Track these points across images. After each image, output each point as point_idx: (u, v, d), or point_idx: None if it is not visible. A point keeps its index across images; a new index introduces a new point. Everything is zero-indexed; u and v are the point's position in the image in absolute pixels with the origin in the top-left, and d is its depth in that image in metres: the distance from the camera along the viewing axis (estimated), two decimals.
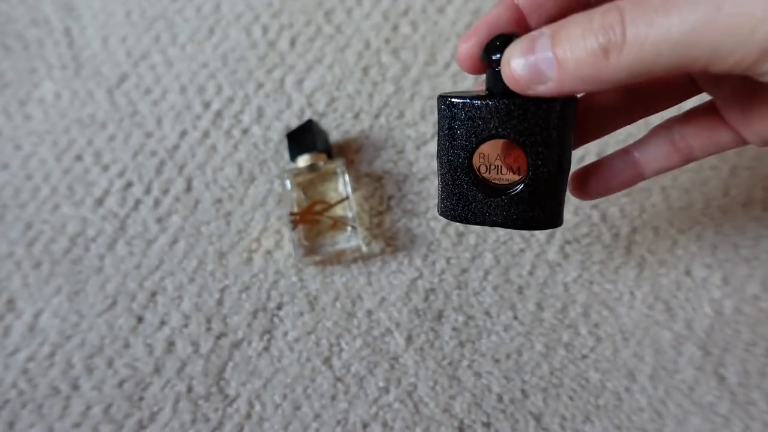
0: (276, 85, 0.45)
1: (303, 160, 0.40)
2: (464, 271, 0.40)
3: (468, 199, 0.26)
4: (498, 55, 0.23)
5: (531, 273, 0.40)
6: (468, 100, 0.24)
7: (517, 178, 0.25)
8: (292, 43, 0.47)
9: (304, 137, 0.41)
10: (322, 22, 0.47)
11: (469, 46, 0.25)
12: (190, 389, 0.37)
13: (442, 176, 0.27)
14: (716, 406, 0.36)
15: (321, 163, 0.40)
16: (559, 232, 0.41)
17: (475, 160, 0.25)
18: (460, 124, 0.25)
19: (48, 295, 0.40)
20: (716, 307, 0.39)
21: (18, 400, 0.37)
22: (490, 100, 0.24)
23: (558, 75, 0.21)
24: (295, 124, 0.44)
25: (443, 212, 0.27)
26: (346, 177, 0.40)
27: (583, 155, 0.43)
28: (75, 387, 0.38)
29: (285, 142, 0.43)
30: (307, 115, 0.44)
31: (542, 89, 0.22)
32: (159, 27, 0.48)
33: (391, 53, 0.46)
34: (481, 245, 0.41)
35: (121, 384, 0.38)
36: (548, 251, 0.40)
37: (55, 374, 0.38)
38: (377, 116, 0.44)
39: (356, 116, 0.44)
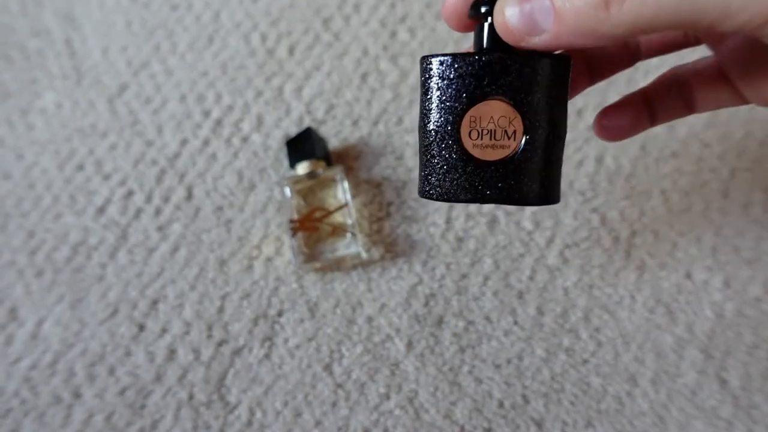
0: (275, 93, 0.46)
1: (302, 168, 0.41)
2: (464, 276, 0.40)
3: (457, 171, 0.23)
4: (488, 8, 0.22)
5: (531, 278, 0.40)
6: (458, 57, 0.22)
7: (512, 143, 0.22)
8: (291, 50, 0.47)
9: (303, 145, 0.41)
10: (320, 29, 0.48)
11: (457, 1, 0.23)
12: (191, 397, 0.37)
13: (426, 149, 0.24)
14: (718, 410, 0.36)
15: (320, 171, 0.40)
16: (558, 236, 0.41)
17: (465, 126, 0.22)
18: (448, 84, 0.22)
19: (50, 303, 0.40)
20: (717, 310, 0.39)
21: (20, 409, 0.37)
22: (482, 56, 0.22)
23: (555, 27, 0.20)
24: (294, 131, 0.44)
25: (426, 192, 0.24)
26: (346, 184, 0.40)
27: (581, 159, 0.43)
28: (77, 395, 0.38)
29: (284, 150, 0.43)
30: (306, 122, 0.45)
31: (536, 41, 0.20)
32: (159, 36, 0.48)
33: (389, 60, 0.46)
34: (480, 250, 0.41)
35: (122, 392, 0.38)
36: (548, 256, 0.40)
37: (57, 382, 0.38)
38: (376, 123, 0.44)
39: (355, 123, 0.45)
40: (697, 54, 0.29)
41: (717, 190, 0.42)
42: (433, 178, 0.24)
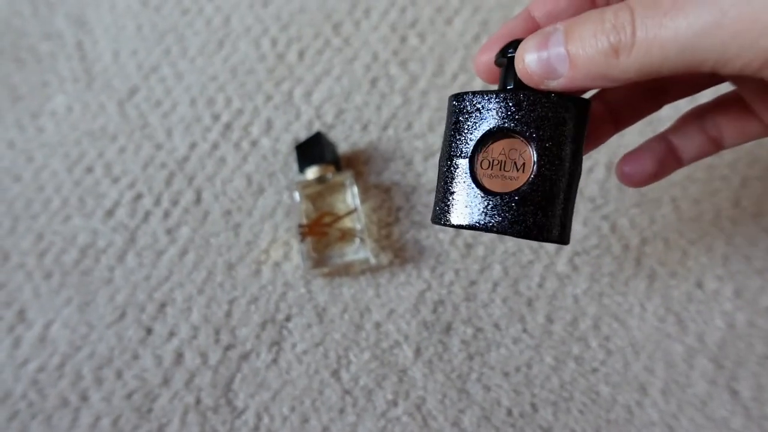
0: (285, 97, 0.46)
1: (312, 172, 0.41)
2: (473, 283, 0.40)
3: (467, 199, 0.24)
4: (513, 51, 0.24)
5: (540, 285, 0.40)
6: (478, 92, 0.24)
7: (521, 175, 0.23)
8: (301, 55, 0.47)
9: (312, 149, 0.41)
10: (330, 34, 0.48)
11: (488, 58, 0.26)
12: (198, 401, 0.37)
13: (442, 176, 0.25)
14: (729, 420, 0.36)
15: (329, 175, 0.40)
16: None
17: (479, 157, 0.24)
18: (467, 117, 0.24)
19: (58, 305, 0.40)
20: (728, 320, 0.38)
21: (28, 411, 0.37)
22: (500, 93, 0.24)
23: (570, 72, 0.21)
24: (303, 135, 0.44)
25: (437, 217, 0.25)
26: (355, 189, 0.40)
27: (592, 166, 0.42)
28: (84, 398, 0.38)
29: (294, 154, 0.43)
30: (316, 126, 0.45)
31: (554, 84, 0.22)
32: (169, 40, 0.48)
33: (399, 65, 0.46)
34: (489, 257, 0.40)
35: (130, 395, 0.38)
36: (557, 263, 0.40)
37: (64, 385, 0.38)
38: (385, 128, 0.44)
39: (364, 128, 0.44)
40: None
41: (728, 198, 0.41)
42: (444, 205, 0.25)
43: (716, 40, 0.18)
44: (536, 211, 0.23)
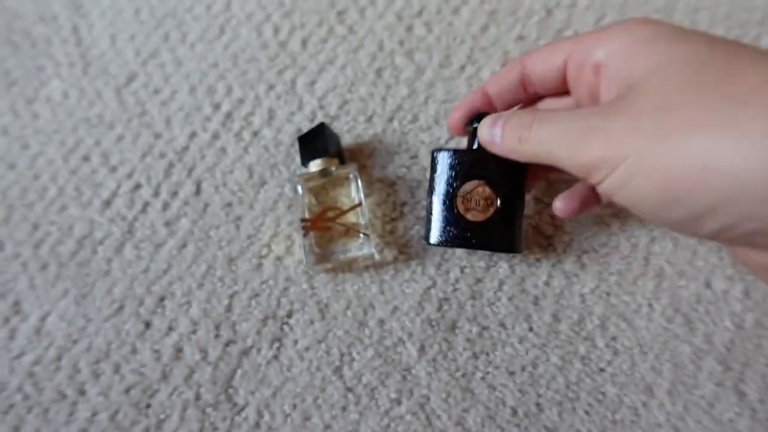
0: (287, 87, 0.45)
1: (315, 165, 0.40)
2: (479, 280, 0.39)
3: (451, 225, 0.34)
4: (476, 125, 0.34)
5: (547, 283, 0.39)
6: (457, 152, 0.35)
7: (490, 209, 0.34)
8: (304, 43, 0.46)
9: (316, 141, 0.40)
10: (334, 22, 0.46)
11: (456, 117, 0.36)
12: (198, 397, 0.37)
13: (432, 210, 0.35)
14: (736, 422, 0.36)
15: (333, 169, 0.39)
16: (576, 241, 0.40)
17: (459, 196, 0.34)
18: (448, 168, 0.35)
19: (54, 297, 0.39)
20: (737, 321, 0.38)
21: (23, 405, 0.37)
22: (471, 152, 0.35)
23: (500, 144, 0.32)
24: (306, 126, 0.43)
25: (431, 239, 0.35)
26: (359, 183, 0.39)
27: None
28: (81, 392, 0.37)
29: (296, 145, 0.42)
30: (319, 117, 0.43)
31: (496, 150, 0.32)
32: (168, 25, 0.47)
33: (404, 55, 0.45)
34: (495, 254, 0.40)
35: (128, 390, 0.37)
36: (565, 261, 0.39)
37: (61, 379, 0.37)
38: (390, 120, 0.43)
39: (369, 119, 0.43)
40: None
41: None
42: (435, 230, 0.35)
43: (557, 150, 0.28)
44: (504, 233, 0.34)
